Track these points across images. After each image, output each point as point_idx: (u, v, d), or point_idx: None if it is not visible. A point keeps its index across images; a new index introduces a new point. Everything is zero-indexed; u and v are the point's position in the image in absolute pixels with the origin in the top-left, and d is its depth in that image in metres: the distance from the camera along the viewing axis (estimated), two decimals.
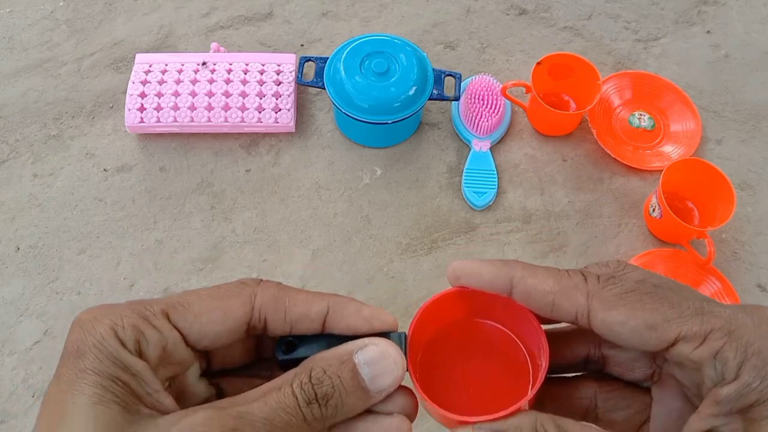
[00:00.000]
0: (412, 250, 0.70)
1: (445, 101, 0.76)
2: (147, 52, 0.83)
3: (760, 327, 0.23)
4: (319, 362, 0.24)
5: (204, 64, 0.76)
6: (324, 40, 0.85)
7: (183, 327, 0.25)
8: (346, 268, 0.69)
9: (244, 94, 0.75)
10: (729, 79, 0.83)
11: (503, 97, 0.76)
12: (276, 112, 0.75)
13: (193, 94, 0.75)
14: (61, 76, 0.81)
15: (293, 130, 0.76)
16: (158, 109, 0.74)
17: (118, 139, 0.76)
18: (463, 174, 0.74)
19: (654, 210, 0.69)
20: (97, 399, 0.22)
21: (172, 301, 0.25)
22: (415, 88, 0.70)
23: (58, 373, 0.23)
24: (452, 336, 0.30)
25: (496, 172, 0.74)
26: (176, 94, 0.74)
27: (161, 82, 0.75)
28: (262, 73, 0.77)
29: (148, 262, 0.69)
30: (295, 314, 0.26)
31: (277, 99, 0.75)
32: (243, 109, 0.75)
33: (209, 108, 0.74)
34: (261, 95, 0.76)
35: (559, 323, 0.27)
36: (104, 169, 0.75)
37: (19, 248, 0.70)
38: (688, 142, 0.77)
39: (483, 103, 0.76)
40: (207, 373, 0.28)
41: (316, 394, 0.23)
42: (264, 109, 0.75)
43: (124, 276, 0.68)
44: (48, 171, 0.75)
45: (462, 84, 0.78)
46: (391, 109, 0.69)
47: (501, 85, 0.75)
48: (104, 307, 0.25)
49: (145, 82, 0.75)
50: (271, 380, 0.24)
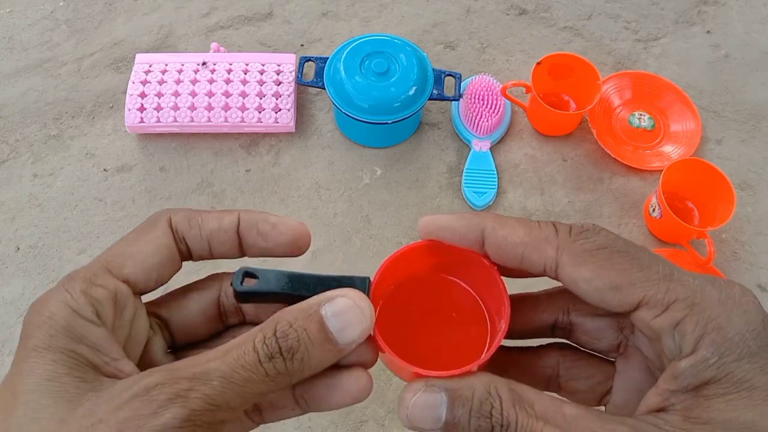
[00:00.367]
0: None
1: (445, 101, 0.76)
2: (147, 52, 0.83)
3: (726, 303, 0.22)
4: (285, 316, 0.23)
5: (204, 64, 0.76)
6: (324, 40, 0.85)
7: (128, 274, 0.25)
8: (346, 268, 0.69)
9: (244, 94, 0.75)
10: (729, 79, 0.83)
11: (503, 97, 0.76)
12: (276, 112, 0.75)
13: (193, 94, 0.75)
14: (61, 76, 0.81)
15: (293, 130, 0.76)
16: (158, 109, 0.74)
17: (118, 139, 0.76)
18: (463, 174, 0.74)
19: (654, 210, 0.69)
20: (49, 376, 0.22)
21: (106, 256, 0.25)
22: (415, 88, 0.70)
23: (13, 360, 0.23)
24: (416, 290, 0.29)
25: (496, 172, 0.74)
26: (176, 94, 0.74)
27: (161, 82, 0.75)
28: (262, 73, 0.77)
29: None
30: (207, 228, 0.26)
31: (277, 99, 0.75)
32: (243, 109, 0.75)
33: (209, 108, 0.74)
34: (261, 95, 0.76)
35: (530, 279, 0.27)
36: (104, 169, 0.75)
37: (19, 248, 0.70)
38: (688, 142, 0.77)
39: (483, 103, 0.76)
40: (173, 349, 0.28)
41: (280, 348, 0.22)
42: (264, 109, 0.75)
43: None
44: (48, 171, 0.75)
45: (462, 84, 0.78)
46: (391, 109, 0.69)
47: (501, 85, 0.75)
48: (48, 291, 0.24)
49: (145, 82, 0.75)
50: (235, 339, 0.23)
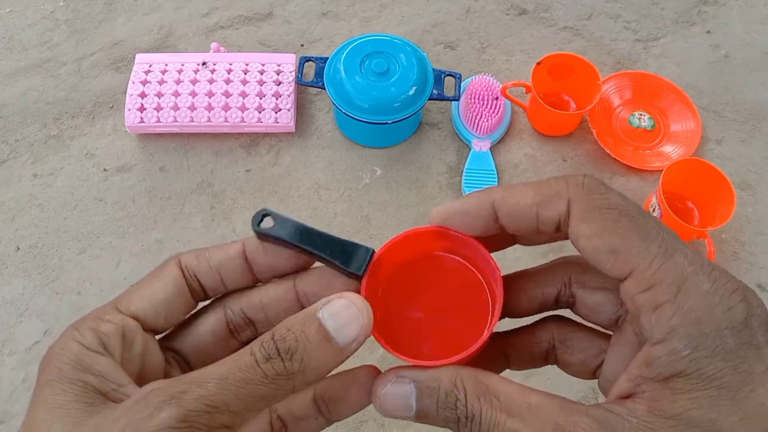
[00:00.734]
0: None
1: (445, 101, 0.76)
2: (147, 52, 0.83)
3: (712, 296, 0.21)
4: (284, 323, 0.23)
5: (204, 64, 0.76)
6: (324, 40, 0.85)
7: (135, 311, 0.26)
8: None
9: (244, 94, 0.75)
10: (729, 79, 0.83)
11: (503, 97, 0.76)
12: (276, 112, 0.75)
13: (193, 94, 0.75)
14: (61, 76, 0.81)
15: (293, 130, 0.76)
16: (158, 109, 0.74)
17: (118, 139, 0.76)
18: (463, 174, 0.74)
19: (654, 210, 0.69)
20: (58, 404, 0.22)
21: (115, 298, 0.26)
22: (415, 88, 0.70)
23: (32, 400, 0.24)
24: (420, 270, 0.29)
25: (496, 172, 0.74)
26: (176, 94, 0.74)
27: (161, 82, 0.75)
28: (262, 73, 0.77)
29: (148, 262, 0.69)
30: (215, 260, 0.27)
31: (277, 99, 0.75)
32: (243, 109, 0.75)
33: (209, 108, 0.74)
34: (261, 95, 0.76)
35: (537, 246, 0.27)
36: (104, 169, 0.75)
37: (19, 248, 0.70)
38: (688, 142, 0.77)
39: (483, 103, 0.76)
40: None
41: (278, 349, 0.22)
42: (264, 109, 0.75)
43: (124, 276, 0.68)
44: (48, 171, 0.75)
45: (462, 84, 0.78)
46: (391, 109, 0.69)
47: (501, 85, 0.75)
48: (63, 331, 0.25)
49: (145, 82, 0.75)
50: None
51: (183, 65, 0.77)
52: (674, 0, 0.90)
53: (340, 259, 0.27)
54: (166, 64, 0.77)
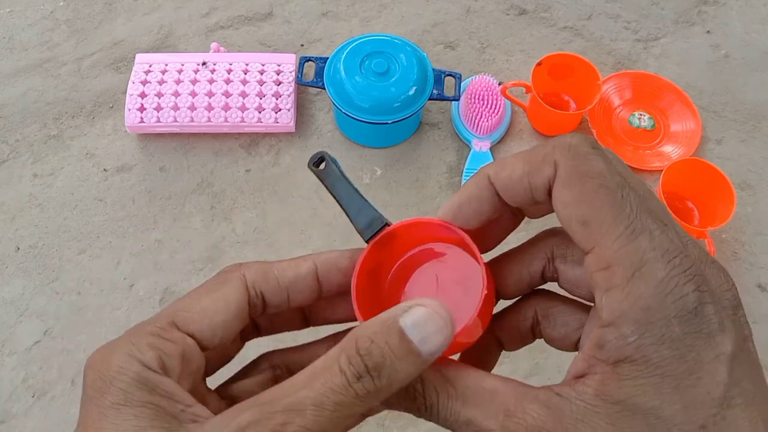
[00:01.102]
0: None
1: (445, 101, 0.76)
2: (147, 52, 0.83)
3: (665, 285, 0.20)
4: (364, 332, 0.22)
5: (204, 64, 0.76)
6: (324, 40, 0.85)
7: (194, 330, 0.24)
8: None
9: (244, 94, 0.75)
10: (729, 79, 0.83)
11: (503, 97, 0.76)
12: (276, 112, 0.75)
13: (193, 94, 0.75)
14: (61, 76, 0.81)
15: (293, 130, 0.76)
16: (158, 109, 0.74)
17: (118, 139, 0.76)
18: (463, 174, 0.74)
19: None
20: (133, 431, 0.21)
21: (173, 310, 0.25)
22: (415, 88, 0.70)
23: (82, 423, 0.22)
24: (422, 257, 0.30)
25: None
26: (176, 94, 0.74)
27: (161, 82, 0.75)
28: (262, 73, 0.77)
29: (148, 262, 0.69)
30: (286, 279, 0.26)
31: (277, 99, 0.75)
32: (243, 109, 0.75)
33: (209, 108, 0.74)
34: (261, 95, 0.76)
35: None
36: (104, 169, 0.75)
37: (19, 248, 0.70)
38: (688, 142, 0.77)
39: (483, 103, 0.76)
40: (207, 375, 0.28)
41: (366, 366, 0.21)
42: (264, 109, 0.75)
43: (124, 276, 0.68)
44: (48, 171, 0.75)
45: (462, 84, 0.78)
46: (391, 109, 0.69)
47: (501, 85, 0.75)
48: (110, 343, 0.24)
49: (145, 82, 0.75)
50: (314, 362, 0.22)
51: (183, 65, 0.77)
52: (674, 0, 0.90)
53: (357, 219, 0.29)
54: (166, 64, 0.77)
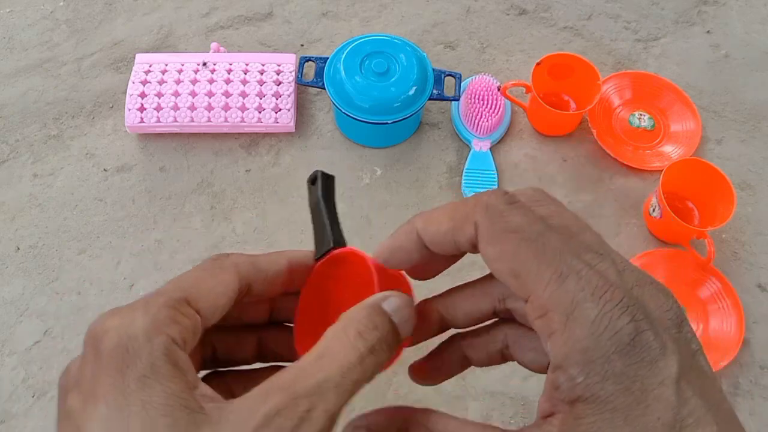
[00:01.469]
0: None
1: (445, 101, 0.76)
2: (147, 52, 0.83)
3: (598, 323, 0.21)
4: (358, 313, 0.24)
5: (204, 64, 0.76)
6: (324, 40, 0.85)
7: (201, 308, 0.25)
8: None
9: (244, 94, 0.75)
10: (729, 79, 0.83)
11: (503, 97, 0.76)
12: (276, 112, 0.75)
13: (193, 94, 0.75)
14: (61, 76, 0.81)
15: (293, 130, 0.76)
16: (158, 109, 0.74)
17: (118, 139, 0.76)
18: (463, 174, 0.74)
19: (654, 210, 0.69)
20: (164, 411, 0.21)
21: (183, 286, 0.26)
22: (415, 88, 0.70)
23: (92, 393, 0.22)
24: (340, 277, 0.32)
25: (496, 172, 0.74)
26: (176, 94, 0.74)
27: (161, 82, 0.75)
28: (262, 73, 0.77)
29: (148, 262, 0.69)
30: (271, 272, 0.29)
31: (277, 99, 0.75)
32: (243, 109, 0.75)
33: (209, 108, 0.74)
34: (261, 95, 0.76)
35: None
36: (104, 169, 0.75)
37: (19, 248, 0.70)
38: (688, 142, 0.77)
39: (483, 103, 0.76)
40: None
41: (379, 338, 0.24)
42: (264, 109, 0.75)
43: (124, 276, 0.68)
44: (48, 171, 0.75)
45: (462, 84, 0.78)
46: (391, 109, 0.69)
47: (501, 85, 0.75)
48: (123, 311, 0.24)
49: (145, 82, 0.75)
50: (314, 346, 0.23)
51: (183, 65, 0.77)
52: (674, 0, 0.90)
53: (316, 239, 0.33)
54: (166, 64, 0.77)
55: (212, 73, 0.76)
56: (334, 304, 0.31)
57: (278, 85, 0.76)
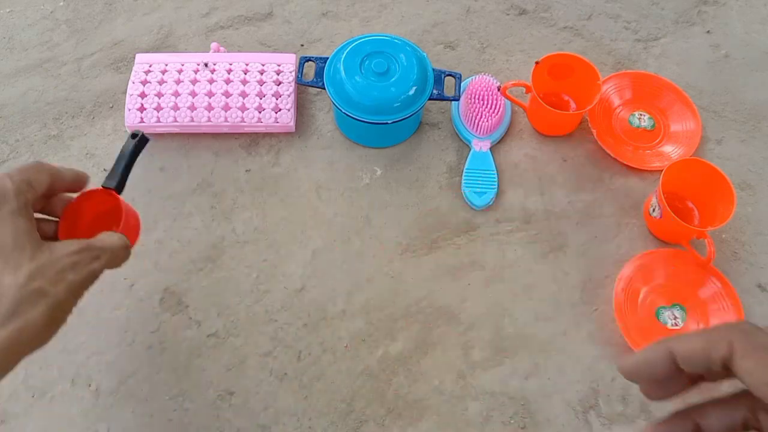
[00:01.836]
0: (412, 250, 0.70)
1: (445, 101, 0.76)
2: (147, 52, 0.83)
3: None
4: (109, 238, 0.50)
5: (206, 65, 0.76)
6: (324, 40, 0.85)
7: (36, 186, 0.48)
8: (346, 268, 0.69)
9: (244, 94, 0.75)
10: (729, 79, 0.83)
11: (503, 97, 0.76)
12: (276, 112, 0.75)
13: (193, 94, 0.75)
14: (61, 76, 0.81)
15: (293, 130, 0.76)
16: (158, 109, 0.74)
17: (119, 139, 0.76)
18: (463, 174, 0.74)
19: (654, 210, 0.69)
20: (24, 233, 0.45)
21: (27, 174, 0.47)
22: (415, 88, 0.70)
23: None
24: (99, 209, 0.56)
25: (496, 172, 0.74)
26: (176, 94, 0.74)
27: (161, 82, 0.75)
28: (262, 73, 0.77)
29: (148, 262, 0.69)
30: (66, 180, 0.52)
31: (277, 99, 0.75)
32: (243, 109, 0.75)
33: (209, 108, 0.74)
34: (261, 95, 0.76)
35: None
36: (104, 169, 0.74)
37: None
38: (688, 142, 0.77)
39: (483, 103, 0.76)
40: None
41: (111, 247, 0.50)
42: (264, 109, 0.75)
43: (125, 276, 0.68)
44: None
45: (462, 84, 0.78)
46: (391, 109, 0.69)
47: (501, 85, 0.75)
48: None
49: (145, 82, 0.75)
50: (101, 237, 0.50)
51: (183, 65, 0.77)
52: (674, 0, 0.90)
53: (109, 174, 0.58)
54: (166, 64, 0.77)
55: (212, 73, 0.76)
56: (92, 216, 0.55)
57: (278, 85, 0.76)
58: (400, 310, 0.67)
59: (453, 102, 0.78)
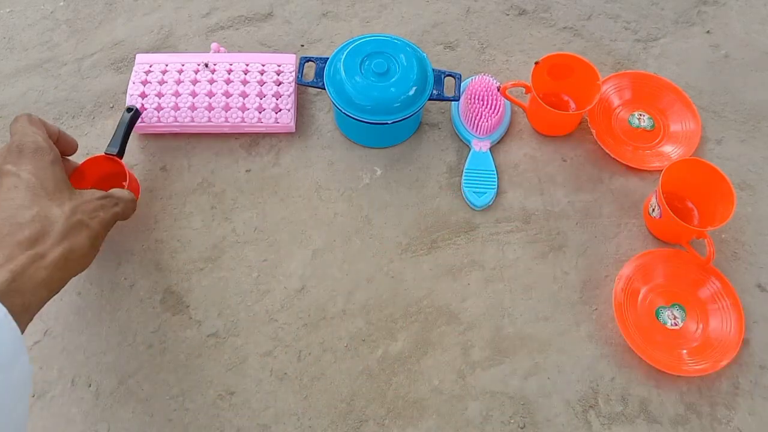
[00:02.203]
0: (412, 250, 0.70)
1: (445, 101, 0.76)
2: (147, 52, 0.83)
3: None
4: (121, 192, 0.63)
5: (206, 65, 0.77)
6: (324, 41, 0.85)
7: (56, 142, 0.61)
8: (346, 268, 0.69)
9: (244, 95, 0.75)
10: (729, 79, 0.83)
11: (503, 98, 0.76)
12: (276, 113, 0.75)
13: (194, 94, 0.75)
14: (62, 76, 0.81)
15: (293, 130, 0.77)
16: (159, 109, 0.74)
17: None
18: (463, 174, 0.74)
19: (654, 210, 0.69)
20: (61, 179, 0.57)
21: (42, 136, 0.59)
22: (415, 89, 0.70)
23: (26, 161, 0.56)
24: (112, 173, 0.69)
25: (495, 172, 0.74)
26: (177, 95, 0.74)
27: (161, 83, 0.75)
28: (263, 74, 0.77)
29: (148, 262, 0.69)
30: (69, 140, 0.64)
31: (278, 99, 0.76)
32: (243, 109, 0.75)
33: (210, 108, 0.74)
34: (261, 95, 0.76)
35: None
36: None
37: None
38: (688, 142, 0.77)
39: (483, 104, 0.76)
40: None
41: (117, 200, 0.61)
42: (264, 110, 0.75)
43: (125, 276, 0.68)
44: None
45: (462, 84, 0.78)
46: (391, 110, 0.69)
47: (501, 86, 0.75)
48: (32, 136, 0.57)
49: (145, 83, 0.75)
50: (115, 191, 0.62)
51: (183, 65, 0.77)
52: (674, 0, 0.90)
53: (111, 141, 0.68)
54: (167, 65, 0.77)
55: (212, 74, 0.76)
56: (96, 177, 0.68)
57: (278, 86, 0.76)
58: (400, 309, 0.67)
59: (453, 102, 0.78)
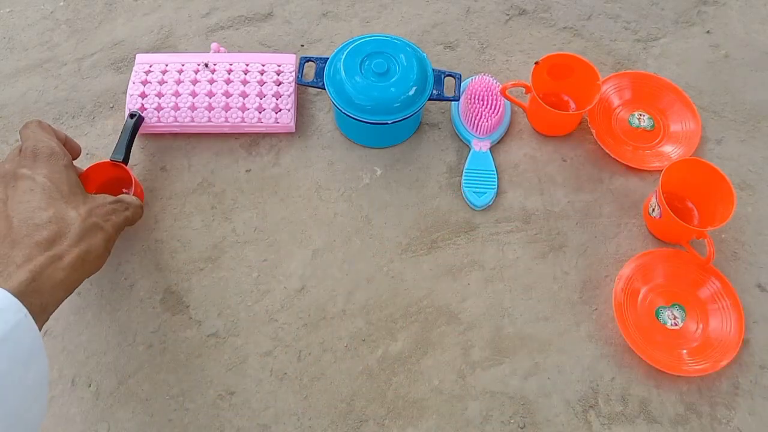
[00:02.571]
0: (412, 250, 0.70)
1: (445, 101, 0.76)
2: (147, 52, 0.83)
3: None
4: (130, 197, 0.64)
5: (206, 65, 0.77)
6: (324, 41, 0.85)
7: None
8: (346, 268, 0.69)
9: (244, 95, 0.75)
10: (729, 79, 0.83)
11: (503, 98, 0.76)
12: (276, 113, 0.75)
13: (194, 95, 0.75)
14: (61, 76, 0.81)
15: (293, 130, 0.77)
16: (159, 109, 0.74)
17: None
18: (463, 174, 0.74)
19: (653, 210, 0.69)
20: (75, 184, 0.59)
21: (54, 141, 0.61)
22: (415, 89, 0.70)
23: (41, 165, 0.58)
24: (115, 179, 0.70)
25: (495, 172, 0.74)
26: (177, 95, 0.74)
27: (161, 83, 0.75)
28: (263, 74, 0.77)
29: (148, 262, 0.69)
30: (74, 145, 0.65)
31: (278, 99, 0.76)
32: (243, 109, 0.75)
33: (210, 108, 0.74)
34: (261, 95, 0.76)
35: None
36: None
37: None
38: (688, 142, 0.77)
39: (483, 104, 0.76)
40: None
41: (126, 205, 0.63)
42: (264, 110, 0.75)
43: (125, 276, 0.68)
44: None
45: (462, 84, 0.78)
46: (391, 110, 0.69)
47: (501, 85, 0.75)
48: (46, 141, 0.60)
49: (145, 82, 0.75)
50: (124, 197, 0.63)
51: (183, 65, 0.77)
52: (674, 0, 0.90)
53: (116, 148, 0.69)
54: (167, 65, 0.77)
55: (212, 74, 0.76)
56: (100, 182, 0.68)
57: (278, 86, 0.76)
58: (400, 309, 0.67)
59: (453, 102, 0.78)
